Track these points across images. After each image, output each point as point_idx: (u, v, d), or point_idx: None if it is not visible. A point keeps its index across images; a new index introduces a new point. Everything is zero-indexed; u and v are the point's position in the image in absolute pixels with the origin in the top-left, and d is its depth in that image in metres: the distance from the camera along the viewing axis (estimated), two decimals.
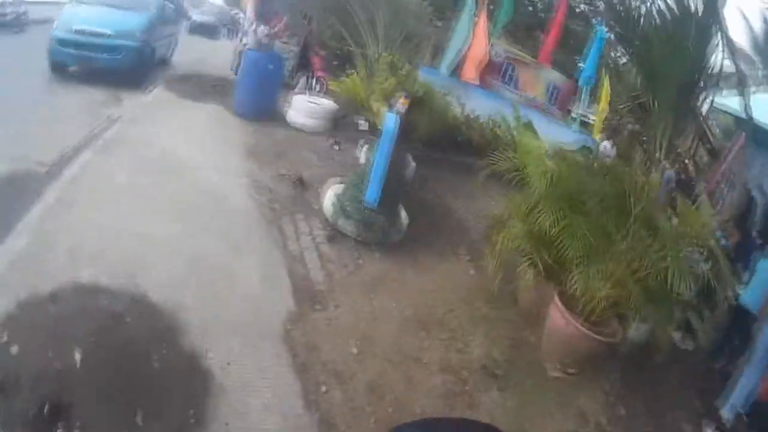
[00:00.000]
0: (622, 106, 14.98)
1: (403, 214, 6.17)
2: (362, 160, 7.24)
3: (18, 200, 5.18)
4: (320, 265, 5.33)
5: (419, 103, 8.61)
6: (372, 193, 5.64)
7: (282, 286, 4.87)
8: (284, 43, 13.30)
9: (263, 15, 14.97)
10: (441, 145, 9.02)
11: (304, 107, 9.28)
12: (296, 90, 12.54)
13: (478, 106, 10.08)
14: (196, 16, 30.14)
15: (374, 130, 8.60)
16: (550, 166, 5.26)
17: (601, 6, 19.21)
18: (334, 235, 5.81)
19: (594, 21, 17.21)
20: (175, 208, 5.58)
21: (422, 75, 9.45)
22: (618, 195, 4.79)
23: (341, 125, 9.59)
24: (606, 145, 10.70)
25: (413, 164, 7.74)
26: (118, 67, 10.24)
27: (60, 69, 10.34)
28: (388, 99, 8.59)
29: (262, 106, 9.35)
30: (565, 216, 4.83)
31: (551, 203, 4.97)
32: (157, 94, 10.23)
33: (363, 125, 8.93)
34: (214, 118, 9.06)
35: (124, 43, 10.18)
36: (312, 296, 4.85)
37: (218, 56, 16.27)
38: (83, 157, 6.42)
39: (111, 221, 4.96)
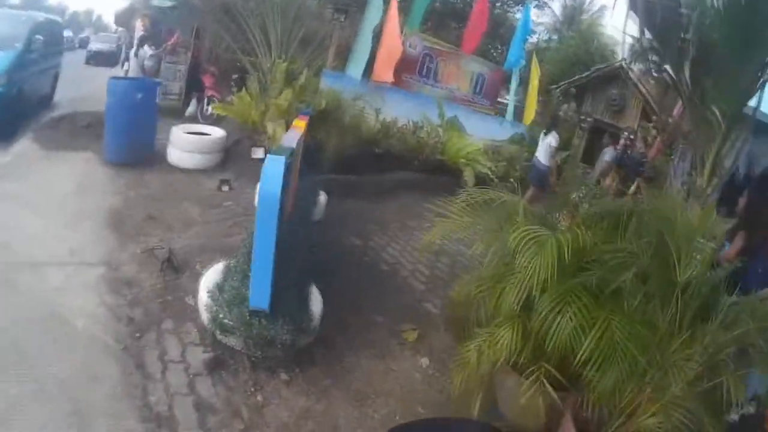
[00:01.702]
0: (555, 88, 14.00)
1: (316, 300, 4.10)
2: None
3: None
4: (197, 423, 3.26)
5: (323, 116, 7.19)
6: (259, 293, 3.61)
7: None
8: (170, 63, 11.64)
9: (155, 36, 13.26)
10: (357, 163, 7.54)
11: (184, 141, 7.50)
12: (187, 115, 10.96)
13: (397, 109, 8.71)
14: (93, 44, 28.42)
15: None
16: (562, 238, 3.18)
17: None
18: (216, 358, 3.72)
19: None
20: None
21: (326, 82, 8.01)
22: (657, 254, 3.07)
23: (234, 157, 7.90)
24: (551, 139, 9.10)
25: (323, 198, 6.27)
26: None
27: None
28: (285, 116, 7.15)
29: (136, 147, 7.44)
30: (589, 314, 3.01)
31: (561, 293, 3.11)
32: (19, 149, 8.22)
33: (259, 153, 7.30)
34: (77, 174, 7.09)
35: None
36: None
37: None
38: None
39: None
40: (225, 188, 6.89)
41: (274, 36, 8.65)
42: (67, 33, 51.13)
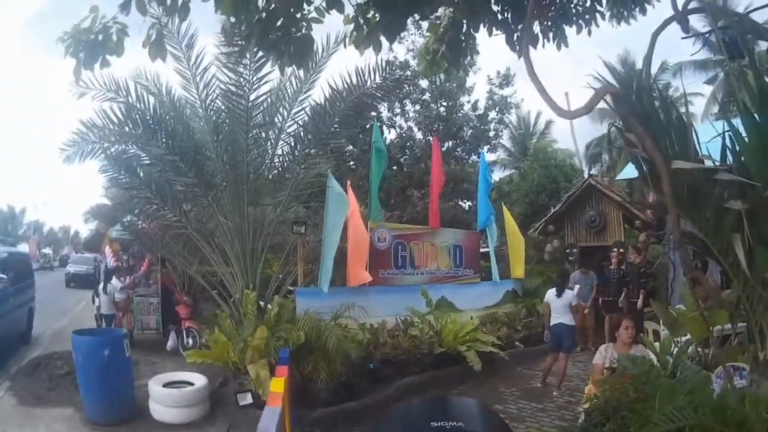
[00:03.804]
0: (533, 232, 13.70)
1: None
2: None
3: None
4: None
5: (307, 348, 6.75)
6: None
7: None
8: (142, 296, 11.35)
9: (123, 268, 13.02)
10: (353, 385, 7.01)
11: (165, 396, 6.92)
12: (168, 349, 10.45)
13: (382, 309, 8.35)
14: (71, 266, 29.25)
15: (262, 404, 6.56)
16: None
17: (468, 134, 18.96)
18: None
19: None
20: None
21: (301, 303, 7.59)
22: None
23: (221, 403, 7.24)
24: (571, 299, 8.32)
25: None
26: None
27: None
28: (264, 356, 6.67)
29: (116, 405, 6.92)
30: None
31: None
32: None
33: (246, 399, 6.70)
34: None
35: None
36: None
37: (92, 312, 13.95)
38: None
39: None
40: None
41: (236, 261, 8.35)
42: (47, 251, 51.80)
